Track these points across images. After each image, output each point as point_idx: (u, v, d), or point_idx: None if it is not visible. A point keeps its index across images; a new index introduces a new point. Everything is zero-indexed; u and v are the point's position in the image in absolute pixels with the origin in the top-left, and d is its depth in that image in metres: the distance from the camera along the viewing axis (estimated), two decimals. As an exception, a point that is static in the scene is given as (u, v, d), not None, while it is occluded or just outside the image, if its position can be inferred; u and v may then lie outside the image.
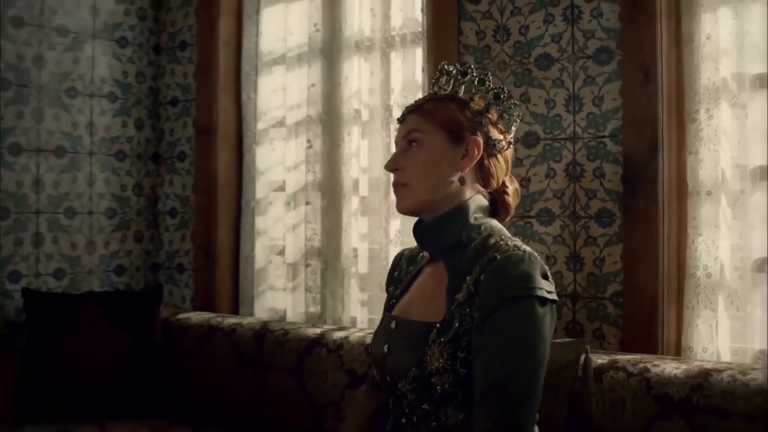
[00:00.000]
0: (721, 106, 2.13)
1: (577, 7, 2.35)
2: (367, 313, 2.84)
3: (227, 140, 3.25)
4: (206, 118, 3.27)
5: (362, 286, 2.86)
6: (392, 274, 1.77)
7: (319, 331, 2.56)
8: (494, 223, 1.58)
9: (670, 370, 1.84)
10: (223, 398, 2.68)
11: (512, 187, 1.63)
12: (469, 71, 1.61)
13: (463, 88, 1.61)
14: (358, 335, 2.45)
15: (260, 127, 3.20)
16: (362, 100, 2.86)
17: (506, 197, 1.60)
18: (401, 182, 1.57)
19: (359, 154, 2.87)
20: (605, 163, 2.30)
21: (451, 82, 1.62)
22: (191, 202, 3.35)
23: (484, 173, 1.58)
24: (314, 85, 2.96)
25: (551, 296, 1.43)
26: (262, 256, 3.18)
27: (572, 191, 2.36)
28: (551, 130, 2.40)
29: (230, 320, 2.82)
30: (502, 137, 1.59)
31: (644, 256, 2.20)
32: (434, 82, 1.65)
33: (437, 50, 2.59)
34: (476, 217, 1.55)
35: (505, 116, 1.60)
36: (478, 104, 1.59)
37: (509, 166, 1.63)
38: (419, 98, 1.65)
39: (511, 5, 2.48)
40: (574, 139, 2.36)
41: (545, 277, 1.45)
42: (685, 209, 2.21)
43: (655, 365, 1.87)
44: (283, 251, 3.10)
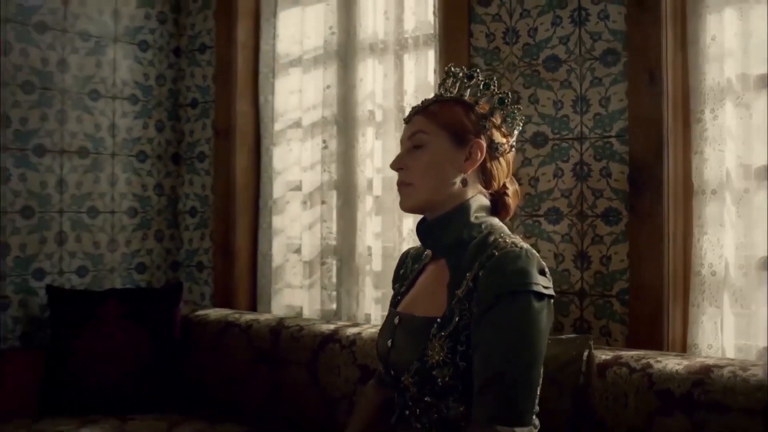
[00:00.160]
0: (725, 106, 2.14)
1: (584, 9, 2.38)
2: (380, 310, 2.87)
3: (245, 141, 3.29)
4: (225, 119, 3.31)
5: (376, 283, 2.89)
6: (398, 271, 1.82)
7: (332, 327, 2.59)
8: (495, 221, 1.61)
9: (672, 366, 1.86)
10: (239, 393, 2.73)
11: (513, 188, 1.66)
12: (475, 75, 1.64)
13: (468, 91, 1.64)
14: (370, 331, 2.49)
15: (277, 128, 3.24)
16: (376, 101, 2.89)
17: (506, 198, 1.64)
18: (405, 182, 1.62)
19: (373, 154, 2.90)
20: (612, 162, 2.32)
21: (457, 84, 1.65)
22: (210, 201, 3.39)
23: (485, 175, 1.62)
24: (330, 87, 2.99)
25: (548, 291, 1.47)
26: (279, 254, 3.21)
27: (579, 190, 2.38)
28: (559, 130, 2.43)
29: (247, 316, 2.87)
30: (504, 141, 1.63)
31: (650, 254, 2.22)
32: (441, 83, 1.69)
33: (448, 52, 2.61)
34: (477, 216, 1.59)
35: (508, 120, 1.64)
36: (482, 108, 1.62)
37: (510, 168, 1.67)
38: (425, 99, 1.69)
39: (520, 8, 2.50)
40: (581, 139, 2.38)
41: (542, 272, 1.48)
42: (690, 208, 2.22)
43: (657, 361, 1.89)
44: (299, 249, 3.13)
